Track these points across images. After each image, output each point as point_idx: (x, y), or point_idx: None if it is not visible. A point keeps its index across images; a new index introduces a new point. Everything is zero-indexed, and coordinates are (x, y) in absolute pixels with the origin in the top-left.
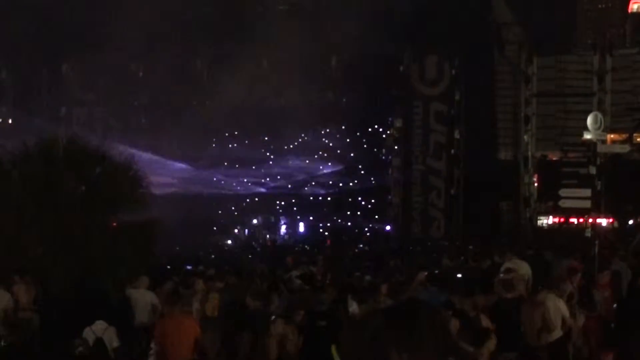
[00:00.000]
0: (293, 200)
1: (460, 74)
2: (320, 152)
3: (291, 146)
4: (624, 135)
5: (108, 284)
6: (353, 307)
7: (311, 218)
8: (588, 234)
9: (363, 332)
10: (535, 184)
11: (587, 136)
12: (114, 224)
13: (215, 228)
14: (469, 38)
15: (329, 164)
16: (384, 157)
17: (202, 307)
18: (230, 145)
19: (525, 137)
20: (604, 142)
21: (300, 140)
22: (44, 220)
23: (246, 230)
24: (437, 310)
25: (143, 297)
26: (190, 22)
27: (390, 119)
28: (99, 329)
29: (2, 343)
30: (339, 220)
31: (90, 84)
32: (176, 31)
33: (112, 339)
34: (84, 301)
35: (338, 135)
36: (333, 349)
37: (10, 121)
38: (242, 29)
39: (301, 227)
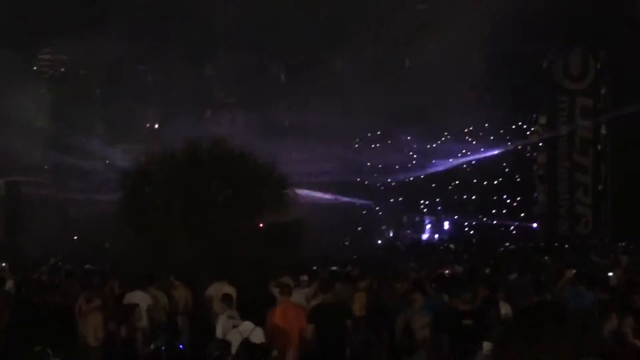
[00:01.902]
0: (437, 199)
1: (606, 67)
2: (464, 150)
3: (434, 145)
4: None
5: (253, 284)
6: (504, 307)
7: (456, 217)
8: None
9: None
10: None
11: None
12: (260, 224)
13: (359, 229)
14: (614, 31)
15: (473, 161)
16: (528, 154)
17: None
18: (372, 146)
19: None
20: None
21: (443, 138)
22: (190, 222)
23: (391, 231)
24: (567, 315)
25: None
26: (331, 21)
27: (534, 115)
28: (246, 330)
29: (152, 346)
30: (484, 219)
31: (234, 86)
32: (316, 31)
33: (259, 340)
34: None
35: (481, 133)
36: None
37: (156, 125)
38: (381, 29)
39: (446, 226)
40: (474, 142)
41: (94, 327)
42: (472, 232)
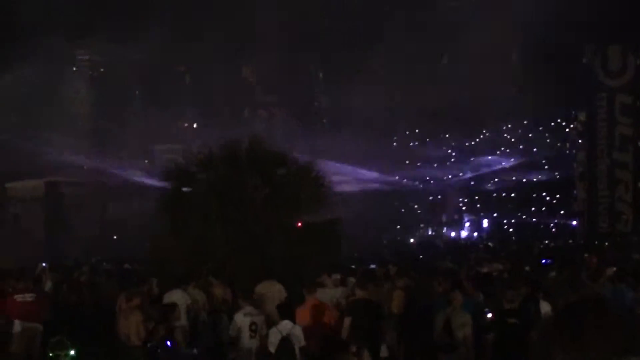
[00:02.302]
0: (476, 197)
1: None
2: (503, 148)
3: (473, 143)
4: None
5: (291, 283)
6: (544, 305)
7: (495, 215)
8: None
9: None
10: None
11: None
12: (298, 224)
13: (398, 227)
14: None
15: (512, 159)
16: (568, 151)
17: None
18: (411, 144)
19: None
20: None
21: (482, 136)
22: (228, 221)
23: (429, 229)
24: (609, 311)
25: (327, 296)
26: (364, 21)
27: (573, 112)
28: (285, 328)
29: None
30: (524, 217)
31: (272, 86)
32: (349, 31)
33: (298, 339)
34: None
35: (520, 130)
36: None
37: (195, 125)
38: (415, 26)
39: (485, 224)
40: (513, 140)
41: (135, 326)
42: (511, 230)
